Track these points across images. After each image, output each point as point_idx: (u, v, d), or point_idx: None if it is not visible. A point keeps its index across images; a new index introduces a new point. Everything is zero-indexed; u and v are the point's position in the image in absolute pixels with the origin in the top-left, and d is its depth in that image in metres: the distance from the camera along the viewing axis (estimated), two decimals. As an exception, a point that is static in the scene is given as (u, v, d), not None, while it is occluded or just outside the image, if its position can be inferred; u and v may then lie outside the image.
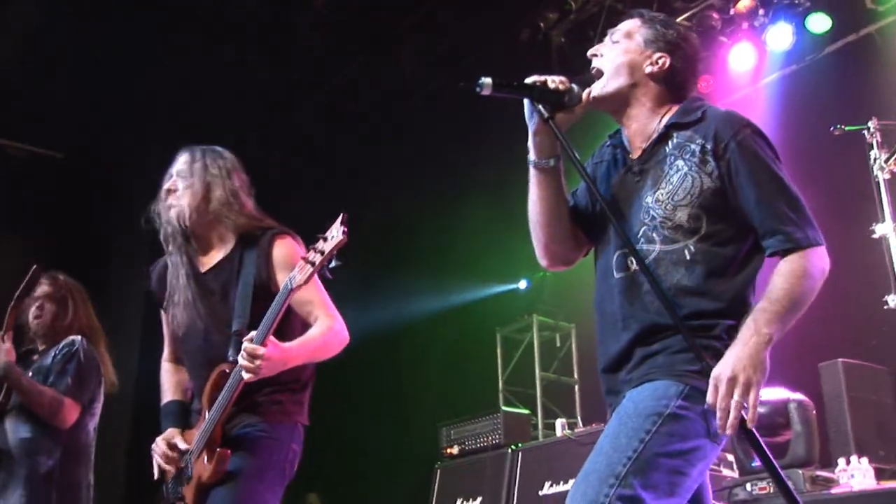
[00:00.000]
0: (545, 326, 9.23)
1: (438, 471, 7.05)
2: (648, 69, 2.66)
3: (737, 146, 2.47)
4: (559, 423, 6.56)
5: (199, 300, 3.31)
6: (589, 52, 2.72)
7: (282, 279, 3.12)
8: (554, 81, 2.56)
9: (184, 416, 3.44)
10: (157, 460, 3.36)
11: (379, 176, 9.80)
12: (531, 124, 2.59)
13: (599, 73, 2.65)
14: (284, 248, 3.30)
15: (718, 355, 2.37)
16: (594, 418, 6.75)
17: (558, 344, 9.31)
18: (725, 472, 5.58)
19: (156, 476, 3.40)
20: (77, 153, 9.18)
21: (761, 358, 2.31)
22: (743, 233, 2.51)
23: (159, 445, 3.34)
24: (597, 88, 2.63)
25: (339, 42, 8.53)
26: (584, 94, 2.60)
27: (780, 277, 2.41)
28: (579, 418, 7.97)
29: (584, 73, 2.66)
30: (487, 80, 2.47)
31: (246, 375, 2.95)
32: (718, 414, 2.27)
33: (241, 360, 2.95)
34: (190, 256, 3.38)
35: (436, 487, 6.94)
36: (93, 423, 4.63)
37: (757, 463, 5.25)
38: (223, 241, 3.40)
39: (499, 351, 9.46)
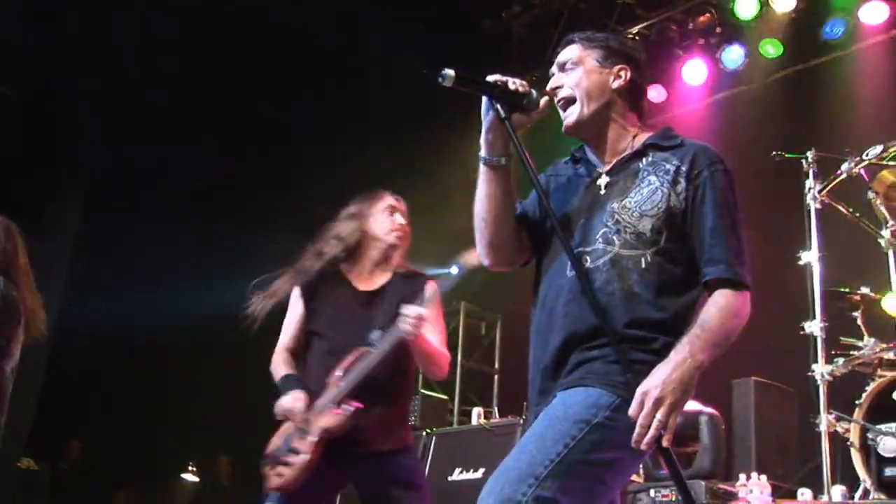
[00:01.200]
0: (472, 314, 9.29)
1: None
2: (616, 84, 2.68)
3: (709, 175, 2.54)
4: (476, 411, 6.64)
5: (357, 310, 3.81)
6: (549, 88, 2.70)
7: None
8: (515, 83, 2.56)
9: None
10: (296, 412, 3.59)
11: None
12: (486, 121, 2.58)
13: (571, 101, 2.66)
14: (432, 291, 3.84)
15: (651, 369, 2.40)
16: (511, 410, 6.84)
17: (483, 332, 9.39)
18: (633, 476, 5.70)
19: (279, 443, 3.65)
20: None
21: (691, 383, 2.35)
22: (692, 259, 2.56)
23: (300, 401, 3.60)
24: (573, 115, 2.65)
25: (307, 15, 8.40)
26: (543, 101, 2.60)
27: (715, 309, 2.46)
28: (496, 409, 8.05)
29: (537, 89, 2.64)
30: (451, 73, 2.46)
31: (412, 332, 3.48)
32: (638, 429, 2.30)
33: (407, 322, 3.46)
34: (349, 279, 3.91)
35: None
36: (10, 364, 4.52)
37: (664, 471, 5.39)
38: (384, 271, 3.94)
39: (424, 335, 9.47)
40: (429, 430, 6.58)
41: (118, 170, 9.07)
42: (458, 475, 6.09)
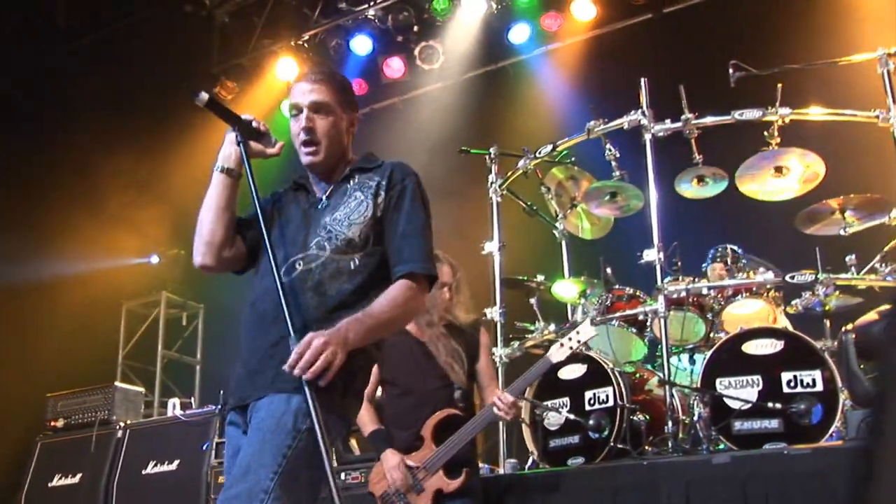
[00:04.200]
0: (174, 304, 9.11)
1: (39, 444, 6.71)
2: (349, 129, 3.01)
3: (402, 188, 2.89)
4: (171, 402, 6.54)
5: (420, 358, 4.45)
6: (302, 126, 2.90)
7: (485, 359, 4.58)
8: (258, 122, 2.90)
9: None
10: (396, 480, 4.22)
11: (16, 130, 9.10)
12: (228, 138, 2.90)
13: (316, 143, 2.91)
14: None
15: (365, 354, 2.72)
16: (210, 400, 6.79)
17: (185, 323, 9.22)
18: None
19: (388, 489, 4.24)
20: None
21: (338, 353, 2.58)
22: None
23: (398, 468, 4.24)
24: (317, 157, 2.92)
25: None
26: (278, 146, 2.93)
27: (383, 298, 2.75)
28: (196, 399, 7.95)
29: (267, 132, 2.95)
30: (206, 97, 2.78)
31: (504, 417, 4.20)
32: (293, 357, 2.53)
33: (500, 407, 4.15)
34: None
35: (33, 462, 6.61)
36: None
37: (355, 454, 5.59)
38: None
39: (122, 324, 9.18)
40: (123, 424, 6.41)
41: None
42: (152, 468, 5.99)
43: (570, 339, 4.34)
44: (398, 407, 4.53)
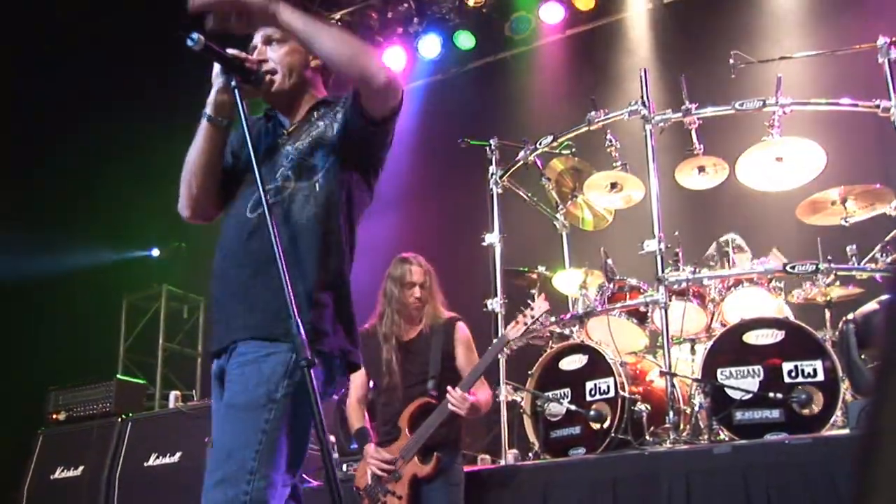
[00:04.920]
0: (175, 297, 9.12)
1: (41, 436, 6.73)
2: (314, 63, 2.88)
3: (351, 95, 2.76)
4: (172, 395, 6.55)
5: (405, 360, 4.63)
6: (255, 56, 2.84)
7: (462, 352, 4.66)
8: (250, 61, 2.76)
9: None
10: (373, 467, 4.42)
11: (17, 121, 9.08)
12: (217, 83, 2.75)
13: (273, 72, 2.83)
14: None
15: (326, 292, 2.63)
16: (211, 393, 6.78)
17: (185, 316, 9.23)
18: (327, 451, 5.86)
19: (369, 482, 4.44)
20: None
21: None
22: (359, 172, 2.81)
23: (374, 455, 4.44)
24: (272, 86, 2.82)
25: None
26: (267, 79, 2.80)
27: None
28: (197, 391, 7.97)
29: (258, 71, 2.82)
30: (201, 39, 2.59)
31: (458, 411, 4.31)
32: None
33: (453, 403, 4.29)
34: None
35: (36, 453, 6.63)
36: None
37: (355, 445, 5.60)
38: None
39: (123, 317, 9.19)
40: (124, 416, 6.42)
41: None
42: (154, 460, 5.99)
43: (524, 314, 4.46)
44: (378, 404, 4.71)
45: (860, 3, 7.10)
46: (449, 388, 4.37)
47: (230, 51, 2.72)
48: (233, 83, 2.69)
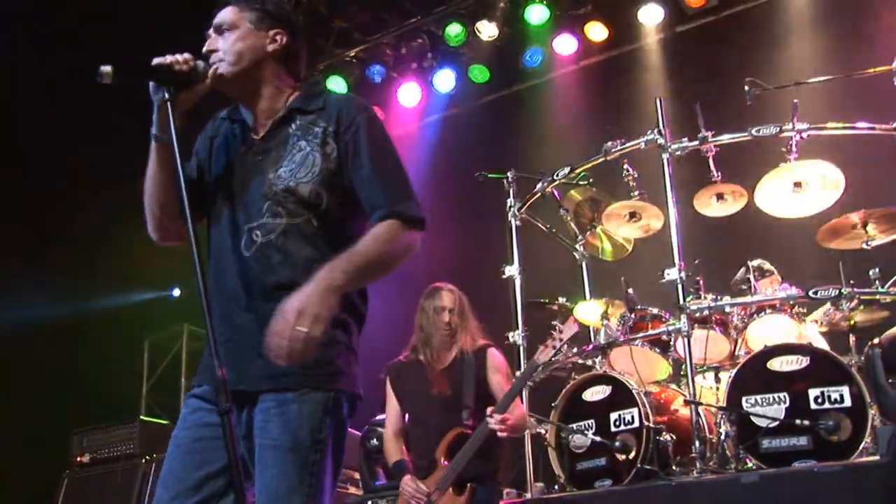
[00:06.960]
0: (196, 336, 9.14)
1: (65, 480, 6.74)
2: (271, 48, 2.67)
3: (356, 128, 2.59)
4: (196, 435, 6.53)
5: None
6: (204, 50, 2.65)
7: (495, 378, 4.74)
8: (178, 63, 2.52)
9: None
10: (407, 496, 4.48)
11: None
12: (155, 99, 2.54)
13: (220, 60, 2.63)
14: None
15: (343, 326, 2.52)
16: (234, 431, 6.76)
17: (208, 355, 9.23)
18: (352, 489, 5.85)
19: None
20: None
21: (328, 297, 2.34)
22: (361, 210, 2.60)
23: (409, 486, 4.50)
24: (219, 70, 2.61)
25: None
26: (211, 71, 2.60)
27: (368, 236, 2.50)
28: (220, 430, 7.93)
29: (195, 66, 2.59)
30: (107, 69, 2.41)
31: (501, 434, 4.39)
32: (279, 341, 2.27)
33: (494, 425, 4.33)
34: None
35: (60, 498, 6.63)
36: None
37: (380, 482, 5.58)
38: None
39: (146, 357, 9.22)
40: (148, 457, 6.43)
41: None
42: (178, 501, 5.98)
43: (553, 338, 4.50)
44: (413, 436, 4.77)
45: (873, 26, 7.11)
46: (488, 410, 4.40)
47: (155, 60, 2.51)
48: (164, 96, 2.49)
